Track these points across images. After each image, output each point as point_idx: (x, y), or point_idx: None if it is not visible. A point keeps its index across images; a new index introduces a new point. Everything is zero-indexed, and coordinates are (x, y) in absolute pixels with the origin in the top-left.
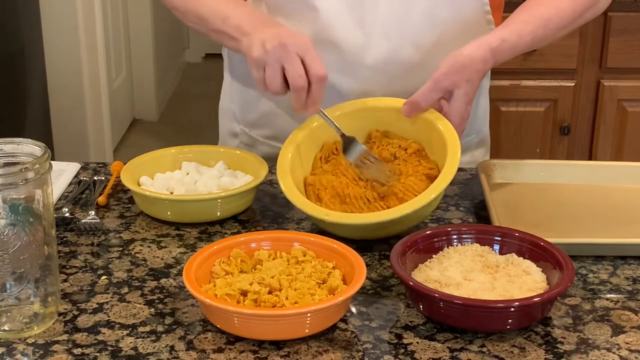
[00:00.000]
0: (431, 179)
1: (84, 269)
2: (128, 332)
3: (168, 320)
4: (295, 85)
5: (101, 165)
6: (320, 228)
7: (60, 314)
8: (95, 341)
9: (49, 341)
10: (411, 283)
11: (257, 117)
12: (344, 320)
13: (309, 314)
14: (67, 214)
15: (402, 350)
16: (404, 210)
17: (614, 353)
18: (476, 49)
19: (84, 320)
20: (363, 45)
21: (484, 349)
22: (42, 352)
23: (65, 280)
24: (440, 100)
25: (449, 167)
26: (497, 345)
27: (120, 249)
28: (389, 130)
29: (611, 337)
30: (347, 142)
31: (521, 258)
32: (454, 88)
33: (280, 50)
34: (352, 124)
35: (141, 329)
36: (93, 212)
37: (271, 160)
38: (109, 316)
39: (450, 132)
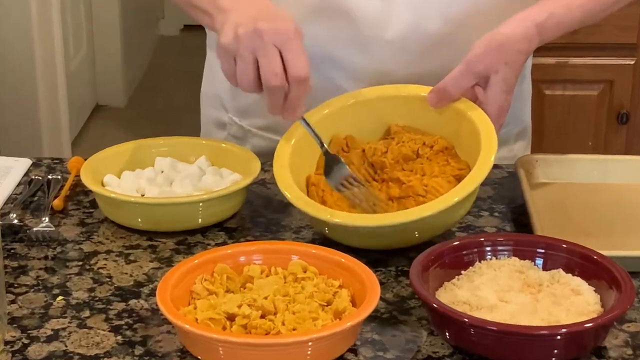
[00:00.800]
0: (461, 181)
1: (36, 288)
2: None
3: (138, 350)
4: (268, 84)
5: (57, 161)
6: (323, 237)
7: (7, 343)
8: None
9: None
10: (435, 305)
11: (249, 103)
12: (352, 350)
13: (310, 343)
14: (16, 221)
15: None
16: (425, 212)
17: None
18: (518, 26)
19: (36, 351)
20: (382, 16)
21: None
22: None
23: (13, 302)
24: (474, 88)
25: (482, 162)
26: None
27: (80, 263)
28: (411, 124)
29: None
30: (330, 161)
31: (569, 275)
32: (491, 73)
33: (254, 39)
34: (368, 115)
35: None
36: (47, 219)
37: (266, 156)
38: (66, 345)
39: (485, 124)
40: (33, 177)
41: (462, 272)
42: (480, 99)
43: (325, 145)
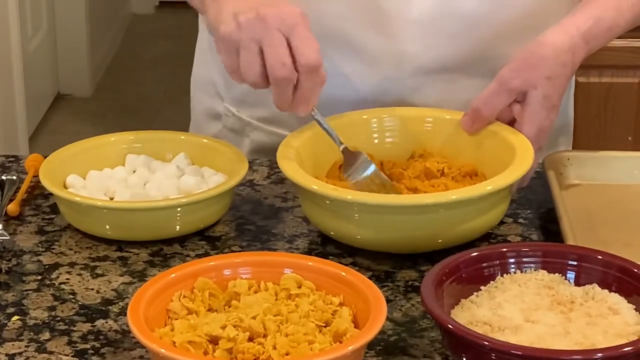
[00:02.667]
0: None
1: None
2: None
3: None
4: (275, 75)
5: (12, 159)
6: (321, 247)
7: None
8: None
9: None
10: (451, 326)
11: (248, 90)
12: None
13: None
14: None
15: None
16: (452, 196)
17: None
18: (561, 35)
19: None
20: None
21: None
22: None
23: None
24: (512, 106)
25: (520, 160)
26: None
27: (39, 277)
28: (442, 149)
29: None
30: (351, 159)
31: (606, 291)
32: (529, 89)
33: (258, 26)
34: (394, 134)
35: None
36: (0, 226)
37: (267, 153)
38: None
39: (524, 146)
40: None
41: (482, 287)
42: (517, 117)
43: (343, 142)
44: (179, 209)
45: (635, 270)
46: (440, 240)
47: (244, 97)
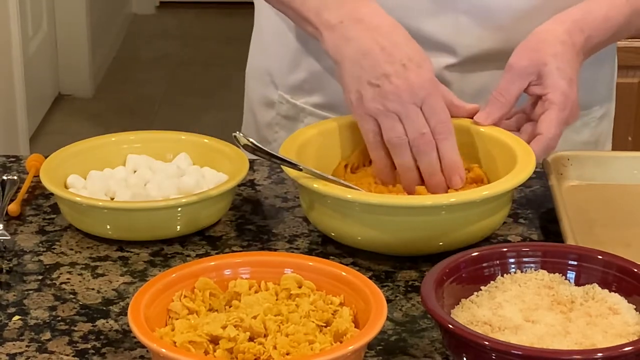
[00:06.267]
0: None
1: None
2: None
3: None
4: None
5: (12, 159)
6: (321, 247)
7: None
8: None
9: None
10: (451, 326)
11: (303, 78)
12: None
13: None
14: None
15: None
16: (451, 199)
17: None
18: (553, 23)
19: None
20: None
21: None
22: None
23: None
24: (529, 89)
25: (523, 163)
26: None
27: (40, 277)
28: None
29: None
30: None
31: (606, 291)
32: (539, 67)
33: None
34: None
35: None
36: (1, 226)
37: None
38: None
39: (524, 148)
40: None
41: (482, 287)
42: (540, 93)
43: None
44: (179, 209)
45: (635, 270)
46: (441, 243)
47: (299, 84)
